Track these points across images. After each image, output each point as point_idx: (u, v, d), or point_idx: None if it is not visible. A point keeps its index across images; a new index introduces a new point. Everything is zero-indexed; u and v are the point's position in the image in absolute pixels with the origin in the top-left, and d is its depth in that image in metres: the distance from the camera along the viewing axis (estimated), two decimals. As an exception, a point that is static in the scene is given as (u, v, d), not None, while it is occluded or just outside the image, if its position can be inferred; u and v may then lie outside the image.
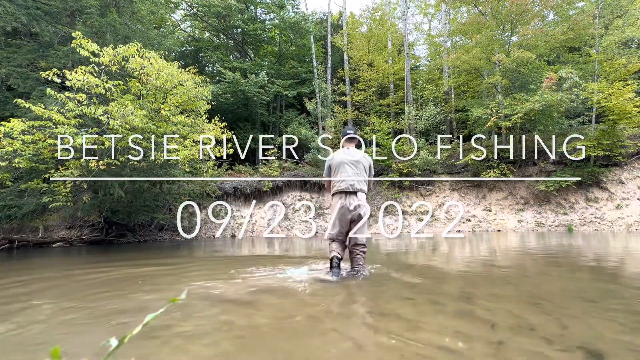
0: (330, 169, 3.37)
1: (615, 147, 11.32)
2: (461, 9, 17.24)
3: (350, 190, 3.15)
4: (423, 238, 8.88)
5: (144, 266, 4.62)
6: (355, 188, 3.16)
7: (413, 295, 2.43)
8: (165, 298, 2.51)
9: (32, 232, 10.50)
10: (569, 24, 12.48)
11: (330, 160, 3.38)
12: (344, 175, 3.22)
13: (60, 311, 2.29)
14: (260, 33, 18.94)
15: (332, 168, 3.34)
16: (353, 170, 3.24)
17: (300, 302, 2.26)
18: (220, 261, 5.20)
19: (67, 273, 4.20)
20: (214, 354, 1.45)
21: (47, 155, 6.63)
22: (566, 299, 2.27)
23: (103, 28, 9.11)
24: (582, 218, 11.01)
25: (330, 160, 3.38)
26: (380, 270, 3.59)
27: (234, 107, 17.33)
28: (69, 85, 6.52)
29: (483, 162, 12.82)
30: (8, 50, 9.41)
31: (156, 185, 9.22)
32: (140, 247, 8.67)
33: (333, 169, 3.33)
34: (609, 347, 1.43)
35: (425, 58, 24.11)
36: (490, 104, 12.70)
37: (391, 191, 13.67)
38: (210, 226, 13.12)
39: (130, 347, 1.51)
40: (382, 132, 14.80)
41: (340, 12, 23.55)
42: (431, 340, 1.53)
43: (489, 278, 3.13)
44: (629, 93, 11.03)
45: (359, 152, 3.38)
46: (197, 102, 8.69)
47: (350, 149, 3.42)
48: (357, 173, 3.25)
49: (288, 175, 14.54)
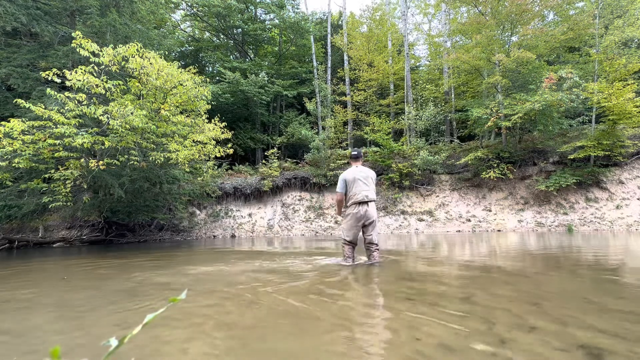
0: (346, 183, 4.04)
1: (615, 147, 11.31)
2: (461, 9, 17.23)
3: (365, 200, 3.92)
4: (423, 238, 8.88)
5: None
6: (369, 198, 3.93)
7: (413, 295, 2.43)
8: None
9: (32, 232, 10.50)
10: (569, 24, 12.47)
11: (345, 177, 4.04)
12: (358, 189, 3.94)
13: (61, 311, 2.29)
14: (260, 33, 18.94)
15: (348, 183, 4.02)
16: (364, 184, 3.96)
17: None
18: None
19: (68, 272, 4.20)
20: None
21: (47, 155, 6.62)
22: (566, 299, 2.27)
23: (103, 28, 9.10)
24: (582, 218, 11.01)
25: (345, 176, 4.05)
26: (380, 270, 3.59)
27: (234, 107, 17.34)
28: (69, 85, 6.51)
29: (483, 162, 12.82)
30: (8, 50, 9.41)
31: (156, 185, 9.21)
32: (149, 246, 8.67)
33: (349, 184, 4.02)
34: (609, 347, 1.43)
35: (425, 58, 24.13)
36: (490, 104, 12.69)
37: (391, 191, 13.67)
38: (211, 226, 13.13)
39: (130, 347, 1.52)
40: (382, 132, 14.80)
41: (340, 12, 23.56)
42: (431, 339, 1.54)
43: (489, 278, 3.13)
44: (629, 93, 11.02)
45: (366, 169, 4.11)
46: (197, 102, 8.69)
47: (359, 166, 4.12)
48: (368, 186, 3.98)
49: (288, 175, 14.53)
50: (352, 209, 3.97)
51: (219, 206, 13.85)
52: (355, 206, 3.94)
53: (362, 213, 3.90)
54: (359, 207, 3.92)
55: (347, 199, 4.06)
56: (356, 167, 4.12)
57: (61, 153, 6.72)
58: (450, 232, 11.11)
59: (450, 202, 13.07)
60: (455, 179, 13.77)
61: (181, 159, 7.68)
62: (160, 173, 8.70)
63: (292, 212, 13.70)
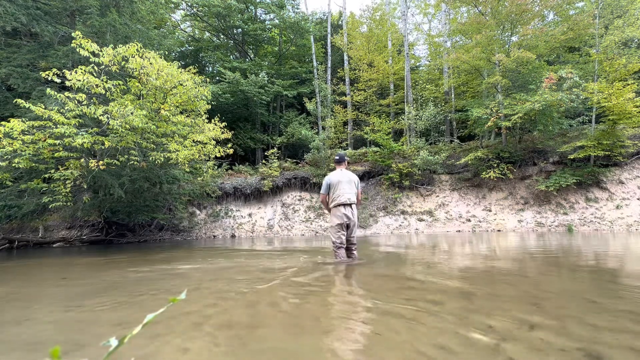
0: (329, 186, 4.21)
1: (615, 147, 11.31)
2: (461, 9, 17.23)
3: (347, 202, 4.12)
4: (423, 237, 8.88)
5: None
6: (351, 201, 4.14)
7: (412, 295, 2.43)
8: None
9: (32, 232, 10.50)
10: (569, 24, 12.47)
11: (329, 180, 4.22)
12: (342, 191, 4.13)
13: (61, 310, 2.29)
14: (260, 33, 18.94)
15: (332, 186, 4.19)
16: (348, 187, 4.15)
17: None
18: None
19: (67, 272, 4.20)
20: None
21: (47, 155, 6.62)
22: (566, 299, 2.27)
23: (103, 28, 9.10)
24: (582, 218, 11.01)
25: (329, 179, 4.22)
26: (380, 270, 3.59)
27: (234, 107, 17.35)
28: (69, 85, 6.50)
29: (483, 162, 12.82)
30: (8, 50, 9.41)
31: (156, 185, 9.21)
32: (149, 246, 8.67)
33: (332, 186, 4.19)
34: (609, 347, 1.43)
35: (425, 58, 24.13)
36: (490, 104, 12.69)
37: (391, 191, 13.67)
38: (211, 226, 13.12)
39: (130, 347, 1.51)
40: (382, 132, 14.80)
41: (340, 12, 23.56)
42: (431, 339, 1.53)
43: (488, 278, 3.13)
44: (629, 93, 11.02)
45: (350, 173, 4.31)
46: (197, 102, 8.68)
47: (343, 170, 4.30)
48: (350, 189, 4.17)
49: (288, 175, 14.53)
50: (336, 211, 4.14)
51: (219, 206, 13.85)
52: (339, 208, 4.12)
53: (346, 214, 4.10)
54: (342, 208, 4.11)
55: (331, 200, 4.21)
56: (340, 170, 4.30)
57: (61, 153, 6.71)
58: (450, 232, 11.11)
59: (450, 202, 13.07)
60: (455, 179, 13.77)
61: (181, 159, 7.67)
62: (160, 173, 8.69)
63: (292, 212, 13.70)
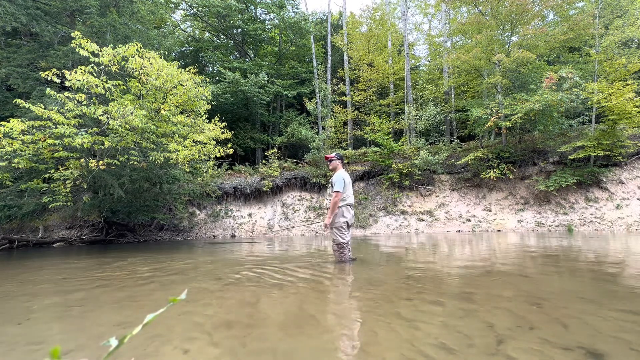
0: (345, 184, 4.14)
1: (615, 147, 11.31)
2: (461, 9, 17.22)
3: (353, 204, 4.28)
4: (423, 237, 8.87)
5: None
6: (354, 203, 4.24)
7: (413, 295, 2.43)
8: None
9: (32, 232, 10.50)
10: (569, 24, 12.47)
11: (345, 177, 4.17)
12: (351, 191, 4.21)
13: (61, 310, 2.29)
14: (260, 33, 18.94)
15: (346, 184, 4.14)
16: (352, 188, 4.28)
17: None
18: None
19: (67, 272, 4.20)
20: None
21: (47, 155, 6.62)
22: (566, 299, 2.27)
23: (103, 28, 9.10)
24: (582, 218, 11.01)
25: (345, 176, 4.17)
26: (380, 270, 3.59)
27: (234, 107, 17.35)
28: (69, 85, 6.50)
29: (483, 162, 12.81)
30: (8, 50, 9.40)
31: (156, 185, 9.21)
32: (149, 246, 8.66)
33: (346, 185, 4.15)
34: (609, 347, 1.43)
35: (425, 58, 24.12)
36: (490, 104, 12.69)
37: (391, 191, 13.67)
38: (211, 226, 13.12)
39: (130, 347, 1.51)
40: (382, 132, 14.80)
41: (340, 12, 23.57)
42: (431, 339, 1.53)
43: (488, 278, 3.13)
44: (629, 93, 11.02)
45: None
46: (197, 102, 8.67)
47: (346, 171, 4.33)
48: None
49: (288, 175, 14.53)
50: (346, 211, 4.11)
51: (219, 206, 13.84)
52: (348, 208, 4.14)
53: (353, 215, 4.20)
54: (351, 209, 4.15)
55: (341, 199, 4.16)
56: (343, 169, 4.32)
57: (61, 153, 6.71)
58: (450, 232, 11.11)
59: (450, 202, 13.06)
60: (455, 179, 13.76)
61: (181, 159, 7.67)
62: (160, 173, 8.69)
63: (292, 212, 13.70)
